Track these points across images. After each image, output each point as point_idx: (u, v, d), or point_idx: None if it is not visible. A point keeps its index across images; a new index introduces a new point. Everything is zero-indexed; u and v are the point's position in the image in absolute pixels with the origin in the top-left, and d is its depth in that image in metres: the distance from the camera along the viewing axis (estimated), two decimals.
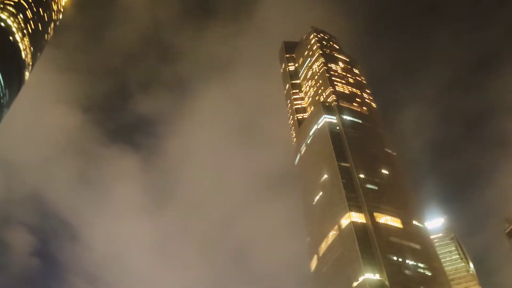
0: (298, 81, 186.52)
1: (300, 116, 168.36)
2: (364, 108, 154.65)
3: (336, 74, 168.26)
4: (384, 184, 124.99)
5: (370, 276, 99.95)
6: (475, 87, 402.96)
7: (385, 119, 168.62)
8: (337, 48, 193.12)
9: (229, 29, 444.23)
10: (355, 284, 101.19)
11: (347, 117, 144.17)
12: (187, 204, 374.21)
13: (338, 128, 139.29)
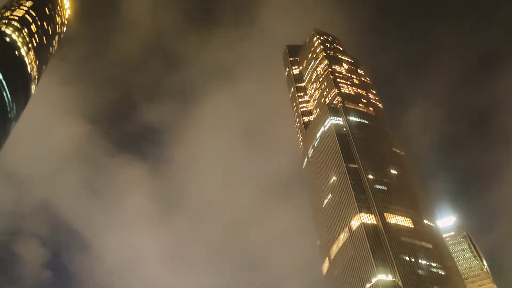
0: (303, 84, 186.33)
1: (306, 119, 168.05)
2: (370, 109, 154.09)
3: (341, 76, 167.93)
4: (393, 184, 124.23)
5: (383, 277, 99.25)
6: (480, 84, 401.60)
7: (392, 119, 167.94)
8: (341, 50, 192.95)
9: (232, 35, 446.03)
10: (368, 286, 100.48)
11: (353, 118, 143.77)
12: (196, 211, 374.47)
13: (345, 130, 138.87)
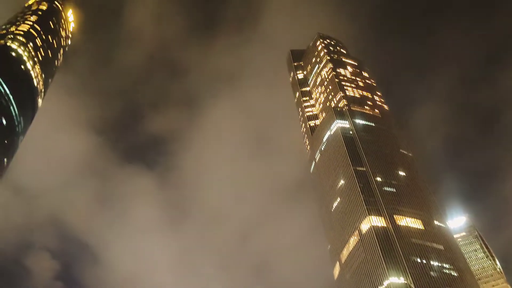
0: (308, 89, 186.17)
1: (312, 123, 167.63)
2: (376, 111, 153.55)
3: (346, 79, 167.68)
4: (402, 186, 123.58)
5: (395, 280, 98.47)
6: (486, 82, 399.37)
7: (398, 120, 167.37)
8: (345, 53, 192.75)
9: (235, 41, 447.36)
10: None
11: (360, 121, 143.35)
12: (205, 219, 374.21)
13: (351, 133, 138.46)
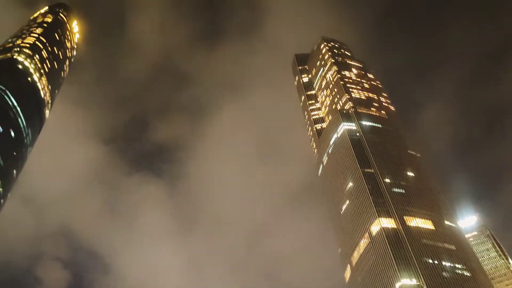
0: (313, 92, 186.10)
1: (319, 127, 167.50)
2: (383, 112, 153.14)
3: (351, 81, 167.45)
4: (411, 187, 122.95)
5: (407, 282, 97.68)
6: (492, 80, 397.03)
7: (405, 121, 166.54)
8: (349, 55, 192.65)
9: (239, 48, 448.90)
10: None
11: (366, 123, 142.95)
12: (214, 224, 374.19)
13: (358, 135, 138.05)
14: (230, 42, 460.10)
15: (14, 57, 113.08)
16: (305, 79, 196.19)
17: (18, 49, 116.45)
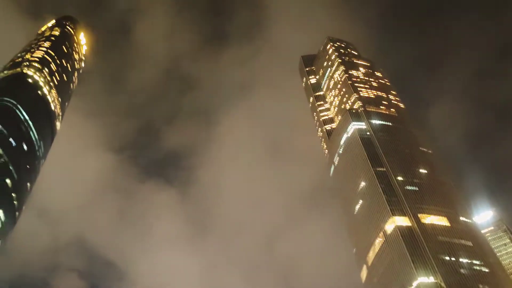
0: (321, 93, 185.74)
1: (329, 127, 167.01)
2: (392, 110, 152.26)
3: (359, 80, 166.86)
4: (424, 184, 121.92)
5: (424, 280, 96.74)
6: (501, 74, 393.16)
7: (415, 118, 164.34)
8: (356, 54, 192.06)
9: (245, 51, 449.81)
10: None
11: (376, 121, 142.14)
12: (227, 229, 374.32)
13: (369, 134, 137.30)
14: (236, 46, 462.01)
15: (24, 72, 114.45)
16: (313, 80, 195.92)
17: (28, 63, 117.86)
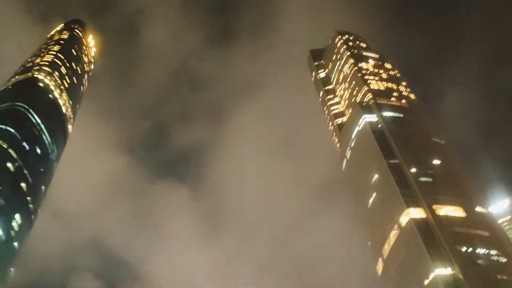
0: (331, 86, 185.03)
1: (340, 121, 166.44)
2: (403, 101, 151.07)
3: (369, 72, 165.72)
4: (438, 175, 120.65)
5: (441, 272, 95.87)
6: None
7: (427, 109, 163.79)
8: (365, 47, 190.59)
9: (254, 49, 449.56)
10: (427, 282, 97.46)
11: (387, 113, 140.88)
12: (241, 226, 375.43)
13: (380, 126, 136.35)
14: (244, 43, 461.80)
15: (35, 76, 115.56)
16: (322, 74, 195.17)
17: (38, 68, 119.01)
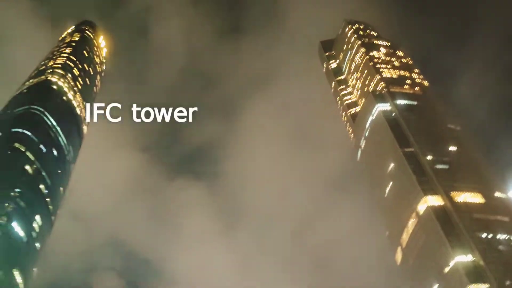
0: (343, 77, 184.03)
1: (353, 111, 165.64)
2: (417, 88, 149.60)
3: (380, 61, 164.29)
4: (455, 161, 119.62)
5: (462, 259, 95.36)
6: None
7: (441, 95, 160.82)
8: (375, 35, 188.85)
9: (264, 42, 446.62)
10: (447, 270, 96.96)
11: (401, 101, 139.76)
12: (258, 221, 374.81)
13: (394, 115, 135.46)
14: (253, 37, 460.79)
15: (48, 79, 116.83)
16: (333, 65, 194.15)
17: (51, 71, 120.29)
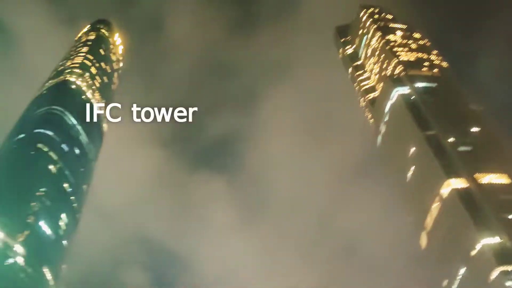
0: (360, 62, 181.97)
1: (371, 96, 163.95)
2: (435, 70, 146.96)
3: (397, 44, 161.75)
4: (478, 143, 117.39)
5: (489, 241, 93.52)
6: None
7: (461, 76, 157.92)
8: (391, 18, 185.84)
9: (278, 29, 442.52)
10: (474, 253, 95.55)
11: (420, 84, 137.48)
12: (280, 211, 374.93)
13: (414, 98, 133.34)
14: (268, 26, 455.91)
15: (67, 79, 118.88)
16: (349, 51, 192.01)
17: (69, 70, 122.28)
